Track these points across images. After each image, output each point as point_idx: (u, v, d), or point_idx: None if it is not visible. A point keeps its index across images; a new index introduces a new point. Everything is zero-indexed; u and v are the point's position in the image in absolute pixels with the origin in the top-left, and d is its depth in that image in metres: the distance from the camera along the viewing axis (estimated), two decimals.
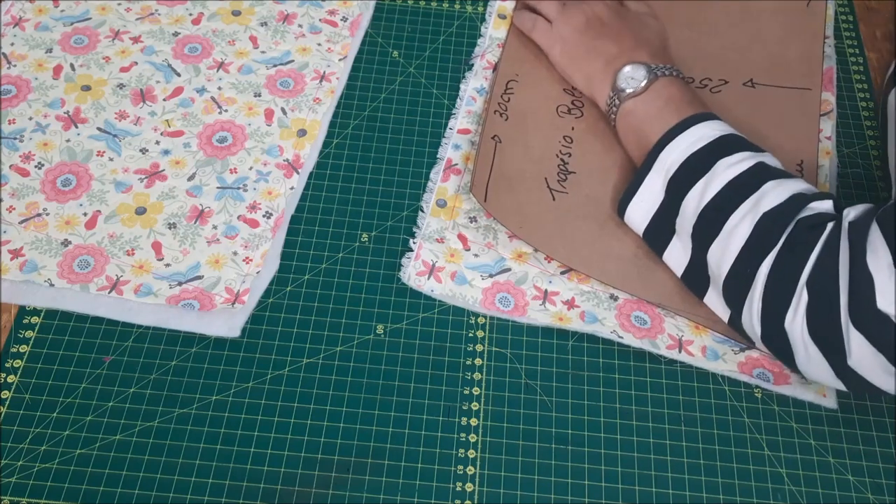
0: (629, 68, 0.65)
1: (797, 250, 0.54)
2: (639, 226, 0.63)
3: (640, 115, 0.64)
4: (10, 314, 0.61)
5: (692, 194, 0.59)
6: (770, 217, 0.55)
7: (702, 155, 0.59)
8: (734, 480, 0.56)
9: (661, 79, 0.64)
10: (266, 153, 0.69)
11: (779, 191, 0.56)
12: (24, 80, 0.71)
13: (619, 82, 0.65)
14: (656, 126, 0.62)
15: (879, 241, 0.51)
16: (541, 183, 0.66)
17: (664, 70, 0.65)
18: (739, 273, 0.56)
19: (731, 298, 0.58)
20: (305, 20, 0.77)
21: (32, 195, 0.65)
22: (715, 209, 0.57)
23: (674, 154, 0.60)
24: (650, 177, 0.61)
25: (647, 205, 0.62)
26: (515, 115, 0.70)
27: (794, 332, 0.54)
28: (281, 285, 0.63)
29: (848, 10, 0.82)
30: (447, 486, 0.55)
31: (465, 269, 0.64)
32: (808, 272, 0.53)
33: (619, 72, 0.65)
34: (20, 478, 0.54)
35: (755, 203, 0.56)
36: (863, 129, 0.74)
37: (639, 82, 0.64)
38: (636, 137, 0.64)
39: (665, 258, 0.62)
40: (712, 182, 0.58)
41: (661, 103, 0.63)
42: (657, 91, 0.64)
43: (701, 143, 0.60)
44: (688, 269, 0.61)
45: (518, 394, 0.59)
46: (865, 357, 0.52)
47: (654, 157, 0.61)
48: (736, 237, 0.56)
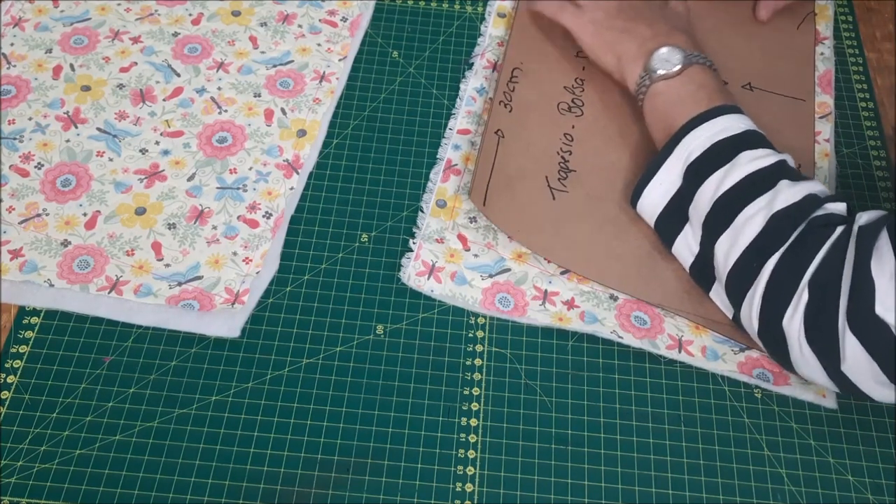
0: (665, 50, 0.65)
1: (804, 249, 0.54)
2: (652, 212, 0.63)
3: (670, 97, 0.64)
4: (10, 314, 0.61)
5: (710, 183, 0.59)
6: (783, 215, 0.55)
7: (725, 145, 0.59)
8: (734, 480, 0.56)
9: (696, 66, 0.64)
10: (266, 153, 0.69)
11: (794, 190, 0.56)
12: (23, 80, 0.71)
13: (653, 63, 0.65)
14: (684, 110, 0.62)
15: (887, 247, 0.51)
16: (541, 181, 0.66)
17: (699, 58, 0.65)
18: (744, 267, 0.56)
19: (733, 292, 0.58)
20: (305, 20, 0.77)
21: (32, 195, 0.65)
22: (730, 200, 0.57)
23: (697, 140, 0.60)
24: (670, 160, 0.61)
25: (664, 189, 0.61)
26: (519, 108, 0.70)
27: (791, 331, 0.54)
28: (281, 285, 0.63)
29: (848, 11, 0.82)
30: (447, 486, 0.55)
31: (464, 269, 0.64)
32: (812, 272, 0.53)
33: (655, 53, 0.65)
34: (20, 478, 0.54)
35: (770, 200, 0.56)
36: (863, 130, 0.74)
37: (673, 65, 0.64)
38: (662, 119, 0.64)
39: (674, 250, 0.62)
40: (732, 173, 0.58)
41: (693, 88, 0.63)
42: (690, 76, 0.64)
43: (726, 133, 0.60)
44: (696, 262, 0.61)
45: (518, 394, 0.59)
46: (858, 363, 0.51)
47: (677, 141, 0.61)
48: (746, 231, 0.56)
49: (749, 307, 0.56)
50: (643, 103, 0.66)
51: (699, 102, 0.62)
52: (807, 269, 0.53)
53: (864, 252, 0.51)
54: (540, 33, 0.76)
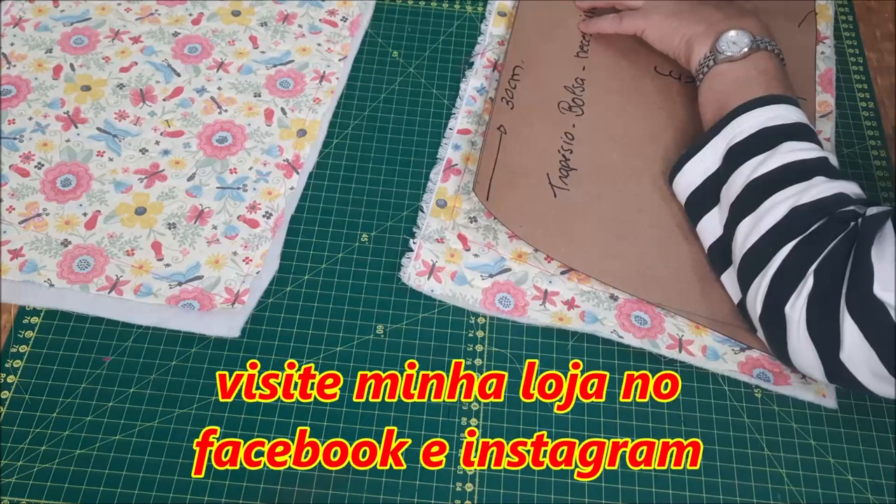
0: (734, 33, 0.65)
1: (818, 240, 0.55)
2: (686, 189, 0.63)
3: (729, 79, 0.64)
4: (10, 314, 0.61)
5: (747, 166, 0.59)
6: (807, 207, 0.56)
7: (772, 133, 0.59)
8: (734, 480, 0.56)
9: (762, 52, 0.64)
10: (266, 153, 0.69)
11: (827, 186, 0.56)
12: (23, 80, 0.71)
13: (721, 44, 0.65)
14: (740, 93, 0.62)
15: (890, 234, 0.51)
16: (542, 178, 0.66)
17: (767, 44, 0.65)
18: (759, 251, 0.57)
19: (744, 275, 0.58)
20: (305, 20, 0.77)
21: (32, 195, 0.65)
22: (761, 185, 0.58)
23: (746, 124, 0.60)
24: (715, 140, 0.61)
25: (703, 167, 0.62)
26: (520, 105, 0.70)
27: (792, 318, 0.54)
28: (281, 285, 0.63)
29: (848, 10, 0.82)
30: (447, 486, 0.55)
31: (465, 269, 0.64)
32: (819, 261, 0.54)
33: (724, 34, 0.65)
34: (20, 478, 0.54)
35: (800, 191, 0.56)
36: (863, 129, 0.74)
37: (740, 48, 0.64)
38: (717, 100, 0.64)
39: (699, 228, 0.63)
40: (770, 159, 0.58)
41: (754, 73, 0.63)
42: (754, 61, 0.64)
43: (776, 122, 0.60)
44: (716, 243, 0.61)
45: (518, 394, 0.59)
46: (857, 350, 0.52)
47: (727, 122, 0.61)
48: (768, 217, 0.56)
49: (756, 291, 0.57)
50: (701, 83, 0.66)
51: (756, 88, 0.62)
52: (815, 259, 0.54)
53: (866, 239, 0.52)
54: (541, 32, 0.76)
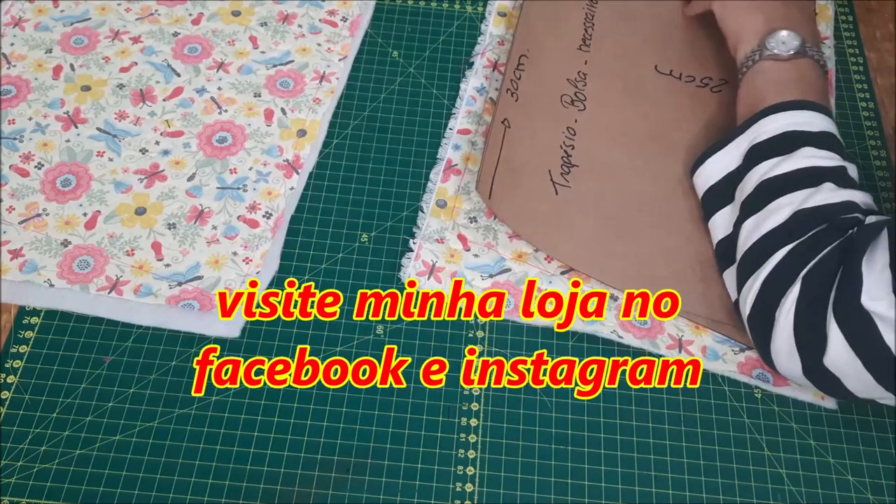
0: (786, 33, 0.65)
1: (812, 245, 0.55)
2: (705, 183, 0.63)
3: (769, 78, 0.64)
4: (10, 314, 0.61)
5: (763, 166, 0.59)
6: (809, 213, 0.56)
7: (795, 137, 0.60)
8: (734, 480, 0.56)
9: (807, 58, 0.64)
10: (266, 153, 0.69)
11: (835, 194, 0.56)
12: (23, 80, 0.71)
13: (770, 42, 0.65)
14: (776, 94, 0.62)
15: (884, 244, 0.51)
16: (544, 175, 0.66)
17: (814, 52, 0.65)
18: (757, 252, 0.57)
19: (742, 273, 0.58)
20: (305, 20, 0.77)
21: (32, 195, 0.65)
22: (771, 186, 0.58)
23: (772, 125, 0.60)
24: (741, 138, 0.62)
25: (724, 164, 0.62)
26: (524, 97, 0.70)
27: (779, 320, 0.54)
28: (281, 285, 0.63)
29: (848, 11, 0.82)
30: (447, 486, 0.55)
31: (465, 269, 0.64)
32: (810, 267, 0.54)
33: (777, 33, 0.65)
34: (20, 478, 0.54)
35: (806, 196, 0.56)
36: (863, 130, 0.74)
37: (788, 50, 0.64)
38: (752, 97, 0.64)
39: (710, 223, 0.63)
40: (786, 162, 0.58)
41: (795, 77, 0.63)
42: (797, 65, 0.64)
43: (802, 127, 0.60)
44: (724, 240, 0.62)
45: (518, 394, 0.59)
46: (841, 357, 0.52)
47: (755, 121, 0.61)
48: (771, 219, 0.57)
49: (748, 290, 0.57)
50: (743, 77, 0.66)
51: (792, 91, 0.62)
52: (806, 265, 0.54)
53: (859, 248, 0.52)
54: (545, 24, 0.76)
